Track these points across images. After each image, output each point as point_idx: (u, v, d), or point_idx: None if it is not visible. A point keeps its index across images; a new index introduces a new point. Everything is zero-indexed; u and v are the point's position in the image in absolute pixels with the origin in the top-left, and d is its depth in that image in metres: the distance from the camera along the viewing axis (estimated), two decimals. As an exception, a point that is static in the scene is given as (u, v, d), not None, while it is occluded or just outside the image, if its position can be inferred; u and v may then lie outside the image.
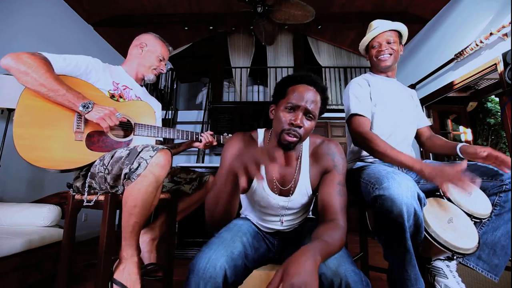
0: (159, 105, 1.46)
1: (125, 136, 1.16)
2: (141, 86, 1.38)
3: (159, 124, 1.43)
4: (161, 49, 1.34)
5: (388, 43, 1.26)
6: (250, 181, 0.90)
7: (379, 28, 1.27)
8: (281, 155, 0.89)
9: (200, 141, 1.35)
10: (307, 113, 0.80)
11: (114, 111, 1.05)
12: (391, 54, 1.26)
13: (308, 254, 0.60)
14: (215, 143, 1.37)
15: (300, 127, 0.79)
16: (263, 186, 0.90)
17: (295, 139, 0.79)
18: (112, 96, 1.17)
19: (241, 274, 0.76)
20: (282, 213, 0.93)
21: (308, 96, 0.80)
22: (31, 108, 1.00)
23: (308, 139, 0.93)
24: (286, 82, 0.85)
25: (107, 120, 1.03)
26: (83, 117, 1.05)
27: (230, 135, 1.40)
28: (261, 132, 0.96)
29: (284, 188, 0.90)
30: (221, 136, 1.40)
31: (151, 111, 1.25)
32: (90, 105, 1.01)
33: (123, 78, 1.27)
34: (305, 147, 0.92)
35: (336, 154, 0.88)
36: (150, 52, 1.32)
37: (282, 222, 0.94)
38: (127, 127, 1.17)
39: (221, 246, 0.73)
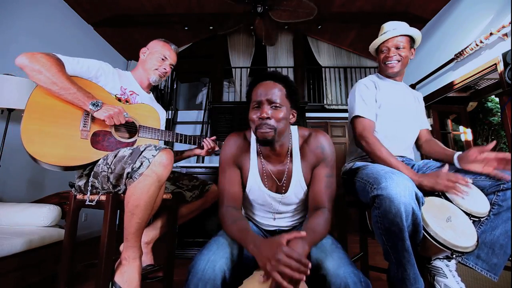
0: (164, 112, 1.50)
1: (130, 137, 1.19)
2: (148, 93, 1.42)
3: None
4: (162, 48, 1.35)
5: (397, 48, 1.24)
6: (243, 186, 0.93)
7: (389, 32, 1.25)
8: (270, 152, 0.91)
9: (202, 147, 1.39)
10: (271, 103, 0.83)
11: (122, 110, 1.09)
12: (398, 61, 1.25)
13: (300, 243, 0.67)
14: (217, 148, 1.41)
15: (268, 118, 0.82)
16: (258, 185, 0.91)
17: (268, 130, 0.82)
18: (119, 100, 1.22)
19: (241, 275, 0.76)
20: (280, 209, 0.93)
21: (267, 89, 0.84)
22: (41, 106, 1.03)
23: (297, 133, 0.95)
24: (250, 88, 0.91)
25: (114, 118, 1.06)
26: (90, 116, 1.08)
27: None
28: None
29: (279, 184, 0.92)
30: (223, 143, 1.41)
31: (156, 115, 1.30)
32: (99, 104, 1.04)
33: (131, 84, 1.31)
34: (295, 141, 0.94)
35: (325, 146, 0.90)
36: (151, 54, 1.35)
37: (274, 219, 0.95)
38: (132, 129, 1.21)
39: (221, 248, 0.74)
